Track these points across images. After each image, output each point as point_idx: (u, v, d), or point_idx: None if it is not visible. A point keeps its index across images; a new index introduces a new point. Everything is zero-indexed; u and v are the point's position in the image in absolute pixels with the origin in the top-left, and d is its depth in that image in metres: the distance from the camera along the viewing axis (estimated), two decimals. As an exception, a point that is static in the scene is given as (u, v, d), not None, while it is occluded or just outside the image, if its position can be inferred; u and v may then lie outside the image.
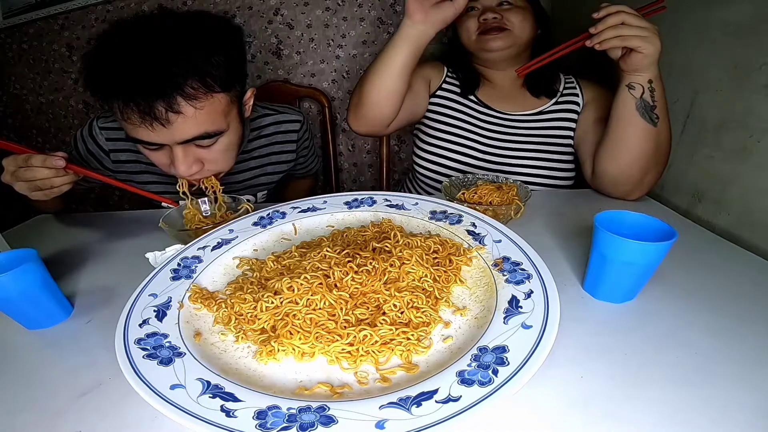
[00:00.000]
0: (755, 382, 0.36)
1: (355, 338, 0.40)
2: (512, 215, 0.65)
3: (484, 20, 0.83)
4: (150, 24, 0.60)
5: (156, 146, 0.62)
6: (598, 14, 0.63)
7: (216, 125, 0.62)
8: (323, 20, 1.34)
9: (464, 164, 0.88)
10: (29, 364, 0.44)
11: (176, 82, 0.56)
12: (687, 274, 0.52)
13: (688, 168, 0.75)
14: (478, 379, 0.33)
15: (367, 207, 0.62)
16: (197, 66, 0.57)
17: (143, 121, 0.57)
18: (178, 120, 0.58)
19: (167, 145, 0.62)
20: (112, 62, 0.57)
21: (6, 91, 1.52)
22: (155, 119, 0.56)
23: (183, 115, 0.58)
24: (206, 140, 0.63)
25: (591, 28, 0.64)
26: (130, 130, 0.60)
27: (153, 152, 0.64)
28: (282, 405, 0.33)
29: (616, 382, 0.37)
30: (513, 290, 0.43)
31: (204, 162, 0.66)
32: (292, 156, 0.92)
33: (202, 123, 0.60)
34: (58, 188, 0.63)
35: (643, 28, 0.61)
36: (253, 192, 0.90)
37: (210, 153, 0.65)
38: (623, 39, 0.62)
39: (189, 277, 0.50)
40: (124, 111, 0.57)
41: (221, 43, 0.61)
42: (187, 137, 0.60)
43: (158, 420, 0.35)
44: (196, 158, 0.64)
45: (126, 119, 0.58)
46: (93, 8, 1.35)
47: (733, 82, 0.65)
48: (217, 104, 0.61)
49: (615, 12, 0.61)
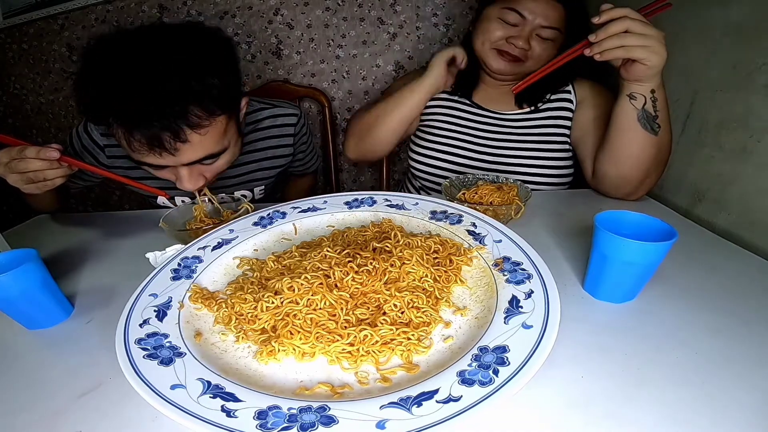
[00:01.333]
0: (755, 382, 0.36)
1: (356, 338, 0.40)
2: (512, 215, 0.65)
3: (512, 43, 0.79)
4: (141, 43, 0.57)
5: (161, 167, 0.64)
6: (599, 19, 0.58)
7: (219, 146, 0.65)
8: (323, 20, 1.34)
9: (460, 165, 0.88)
10: (29, 364, 0.44)
11: (181, 113, 0.56)
12: (687, 274, 0.52)
13: (688, 168, 0.75)
14: (478, 379, 0.33)
15: (367, 207, 0.62)
16: (198, 93, 0.57)
17: (151, 151, 0.58)
18: (184, 147, 0.59)
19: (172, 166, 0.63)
20: (111, 92, 0.55)
21: (6, 91, 1.52)
22: (164, 149, 0.58)
23: (189, 142, 0.59)
24: (210, 159, 0.65)
25: (591, 35, 0.59)
26: (136, 155, 0.61)
27: (157, 170, 0.66)
28: (282, 405, 0.33)
29: (617, 382, 0.37)
30: (513, 290, 0.43)
31: (207, 175, 0.68)
32: (290, 150, 0.90)
33: (207, 146, 0.62)
34: (51, 181, 0.62)
35: (648, 36, 0.56)
36: (250, 187, 0.89)
37: (213, 168, 0.68)
38: (627, 50, 0.57)
39: (189, 277, 0.50)
40: (130, 141, 0.58)
41: (216, 63, 0.61)
42: (193, 160, 0.62)
43: (158, 420, 0.35)
44: (200, 174, 0.67)
45: (133, 149, 0.59)
46: (93, 8, 1.35)
47: (733, 82, 0.65)
48: (219, 126, 0.63)
49: (618, 17, 0.56)
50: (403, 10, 1.33)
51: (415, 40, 1.35)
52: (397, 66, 1.38)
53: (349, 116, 1.47)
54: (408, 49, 1.36)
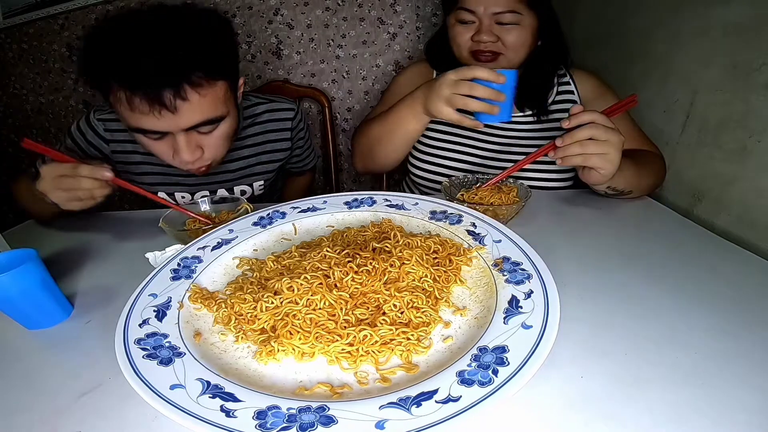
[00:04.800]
0: (755, 382, 0.36)
1: (355, 338, 0.40)
2: (512, 215, 0.65)
3: (477, 41, 0.77)
4: (144, 17, 0.61)
5: (159, 135, 0.64)
6: (568, 123, 0.61)
7: (218, 111, 0.66)
8: (323, 20, 1.34)
9: (460, 170, 0.87)
10: (29, 364, 0.44)
11: (183, 71, 0.59)
12: (687, 274, 0.52)
13: (688, 168, 0.75)
14: (478, 379, 0.33)
15: (367, 207, 0.62)
16: (200, 56, 0.60)
17: (151, 109, 0.59)
18: (184, 106, 0.60)
19: (169, 134, 0.64)
20: (116, 53, 0.58)
21: (6, 91, 1.52)
22: (164, 106, 0.59)
23: (189, 102, 0.60)
24: (208, 126, 0.66)
25: (557, 139, 0.62)
26: (135, 119, 0.62)
27: (155, 142, 0.66)
28: (282, 405, 0.33)
29: (616, 382, 0.37)
30: (513, 290, 0.43)
31: (204, 148, 0.68)
32: (287, 144, 0.92)
33: (206, 109, 0.63)
34: (95, 200, 0.64)
35: (609, 143, 0.59)
36: (249, 182, 0.89)
37: (210, 139, 0.68)
38: (585, 158, 0.61)
39: (189, 277, 0.50)
40: (131, 100, 0.59)
41: (215, 34, 0.64)
42: (191, 123, 0.63)
43: (158, 420, 0.35)
44: (197, 145, 0.67)
45: (133, 109, 0.60)
46: (93, 8, 1.35)
47: (733, 82, 0.65)
48: (218, 91, 0.64)
49: (586, 123, 0.60)
50: (403, 10, 1.33)
51: (415, 40, 1.35)
52: (397, 66, 1.38)
53: (349, 116, 1.47)
54: (408, 49, 1.36)
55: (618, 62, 0.98)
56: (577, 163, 0.62)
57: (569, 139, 0.60)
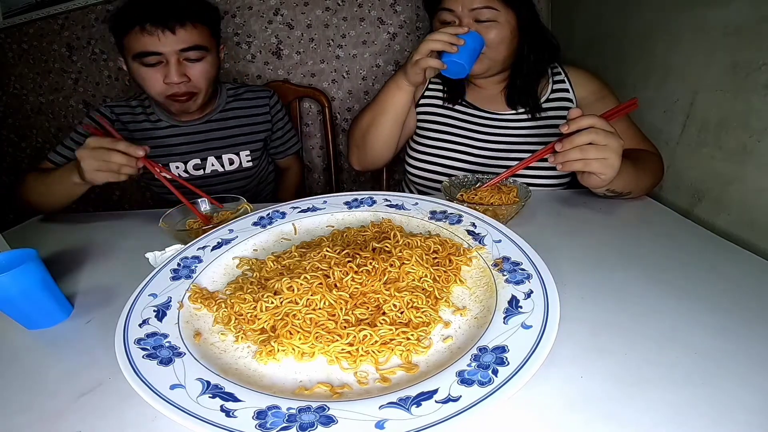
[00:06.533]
0: (755, 382, 0.36)
1: (355, 338, 0.40)
2: (512, 215, 0.65)
3: None
4: None
5: (155, 62, 0.82)
6: (567, 128, 0.59)
7: (205, 42, 0.86)
8: (323, 20, 1.34)
9: (456, 169, 0.87)
10: (29, 364, 0.44)
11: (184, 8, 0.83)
12: (687, 274, 0.52)
13: (688, 168, 0.75)
14: (477, 379, 0.33)
15: (367, 207, 0.62)
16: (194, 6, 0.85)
17: (158, 30, 0.79)
18: (180, 31, 0.81)
19: (164, 63, 0.82)
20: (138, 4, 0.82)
21: (6, 91, 1.52)
22: (167, 28, 0.80)
23: (184, 29, 0.82)
24: (195, 52, 0.84)
25: (557, 144, 0.61)
26: (142, 44, 0.80)
27: (151, 69, 0.83)
28: (282, 405, 0.33)
29: (616, 382, 0.37)
30: (513, 290, 0.43)
31: (190, 77, 0.86)
32: (267, 118, 1.07)
33: (196, 38, 0.84)
34: (119, 176, 0.70)
35: (608, 148, 0.58)
36: (236, 151, 1.03)
37: (195, 69, 0.86)
38: (585, 163, 0.60)
39: (189, 277, 0.50)
40: (145, 28, 0.79)
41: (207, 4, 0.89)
42: (185, 45, 0.82)
43: (158, 420, 0.35)
44: (184, 73, 0.85)
45: (144, 34, 0.80)
46: (93, 8, 1.35)
47: (733, 82, 0.65)
48: (204, 31, 0.86)
49: (585, 127, 0.58)
50: (403, 10, 1.33)
51: (415, 40, 1.35)
52: (396, 66, 1.38)
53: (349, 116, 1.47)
54: (408, 49, 1.36)
55: (618, 62, 0.97)
56: (577, 169, 0.61)
57: (569, 144, 0.59)
